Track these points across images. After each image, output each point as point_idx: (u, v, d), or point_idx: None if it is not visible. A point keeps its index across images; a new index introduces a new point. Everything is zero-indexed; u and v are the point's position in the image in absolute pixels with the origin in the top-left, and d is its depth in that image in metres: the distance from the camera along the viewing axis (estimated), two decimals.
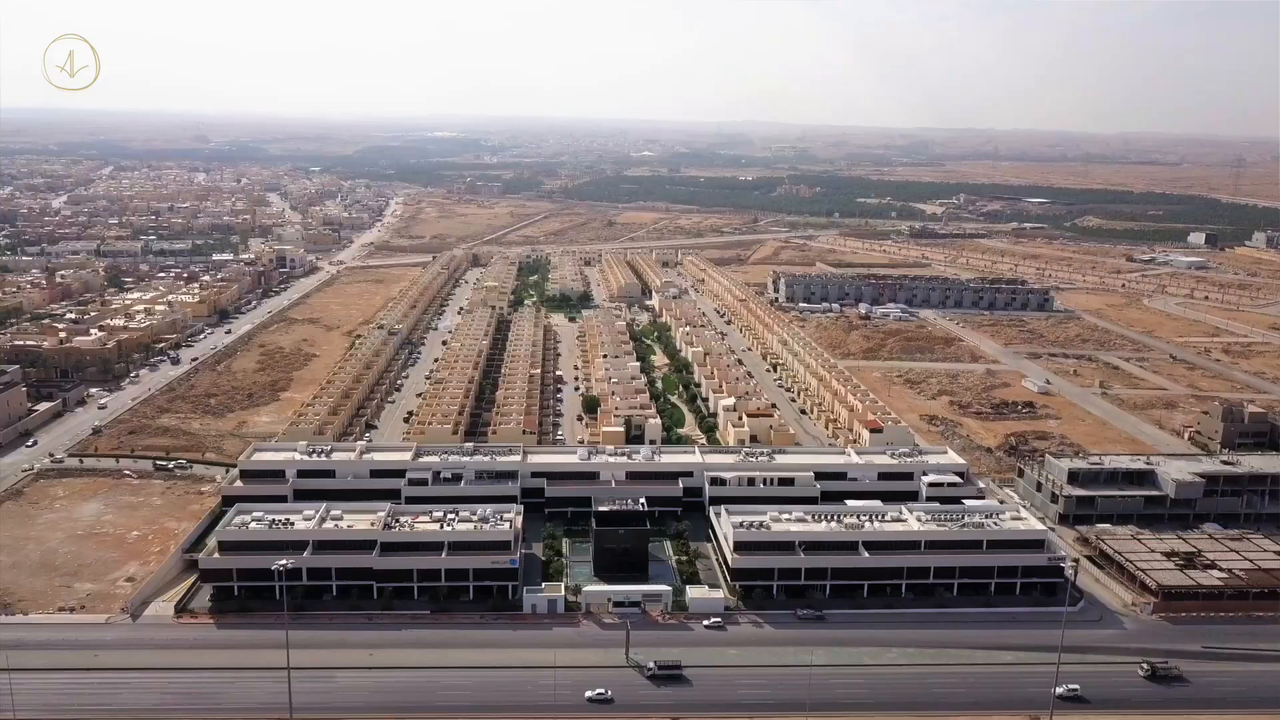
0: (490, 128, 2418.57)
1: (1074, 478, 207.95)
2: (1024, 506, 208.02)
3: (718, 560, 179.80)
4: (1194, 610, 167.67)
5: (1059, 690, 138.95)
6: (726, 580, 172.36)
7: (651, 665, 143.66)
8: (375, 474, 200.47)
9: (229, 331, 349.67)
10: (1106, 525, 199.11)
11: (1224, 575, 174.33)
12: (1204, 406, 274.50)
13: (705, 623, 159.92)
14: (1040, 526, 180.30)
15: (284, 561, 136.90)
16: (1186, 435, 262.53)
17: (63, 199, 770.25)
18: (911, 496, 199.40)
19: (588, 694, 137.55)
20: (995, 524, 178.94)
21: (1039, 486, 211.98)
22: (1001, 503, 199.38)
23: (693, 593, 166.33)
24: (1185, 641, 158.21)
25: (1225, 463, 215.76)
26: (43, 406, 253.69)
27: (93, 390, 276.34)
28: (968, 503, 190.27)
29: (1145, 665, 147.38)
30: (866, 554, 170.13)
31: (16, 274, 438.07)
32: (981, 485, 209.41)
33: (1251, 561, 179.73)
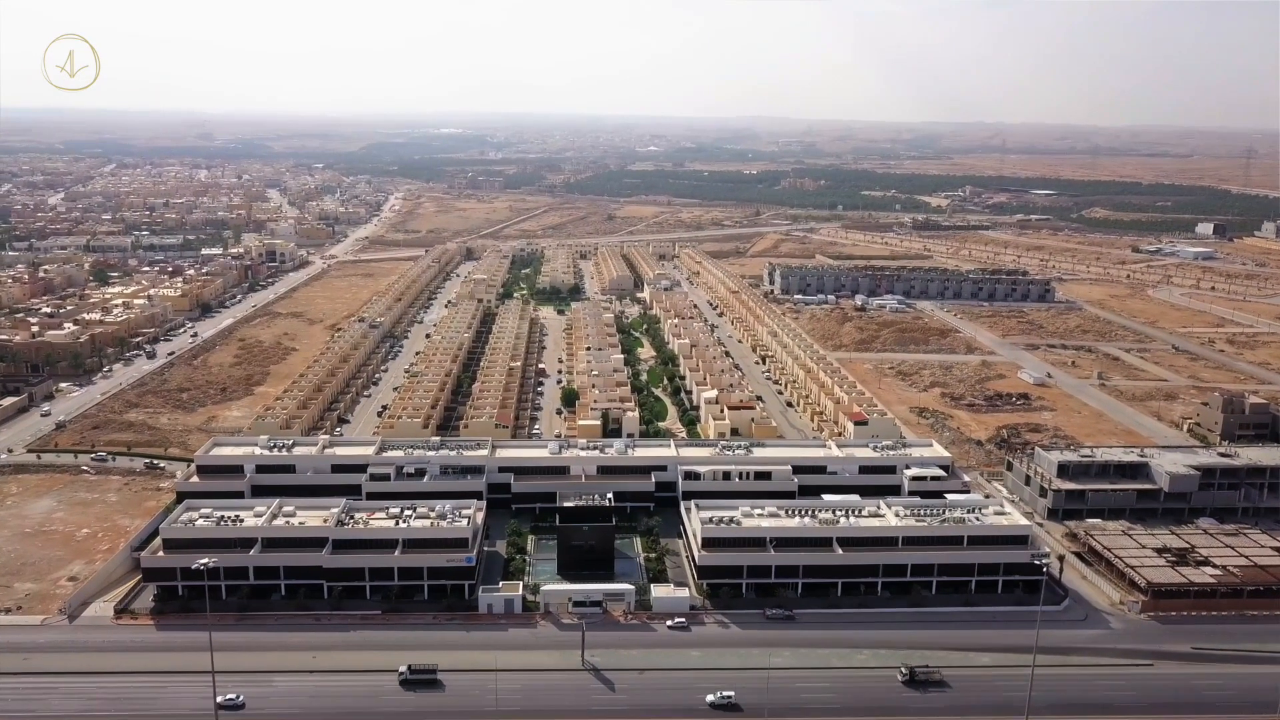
0: (496, 124, 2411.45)
1: (1064, 471, 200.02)
2: (1011, 501, 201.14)
3: (688, 557, 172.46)
4: (1185, 609, 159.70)
5: (710, 698, 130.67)
6: (694, 578, 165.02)
7: (404, 669, 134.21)
8: (337, 469, 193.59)
9: (195, 335, 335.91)
10: (1096, 520, 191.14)
11: (1218, 572, 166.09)
12: (1204, 398, 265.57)
13: (669, 623, 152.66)
14: (1024, 522, 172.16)
15: (205, 560, 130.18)
16: (1185, 427, 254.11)
17: (60, 195, 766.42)
18: (894, 491, 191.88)
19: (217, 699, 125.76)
20: (977, 519, 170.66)
21: (1027, 480, 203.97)
22: (988, 497, 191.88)
23: (657, 591, 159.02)
24: (1174, 642, 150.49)
25: (1223, 455, 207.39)
26: (7, 401, 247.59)
27: (63, 385, 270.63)
28: (950, 497, 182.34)
29: (904, 669, 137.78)
30: (840, 550, 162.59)
31: (4, 268, 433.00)
32: (967, 479, 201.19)
33: (1247, 558, 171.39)
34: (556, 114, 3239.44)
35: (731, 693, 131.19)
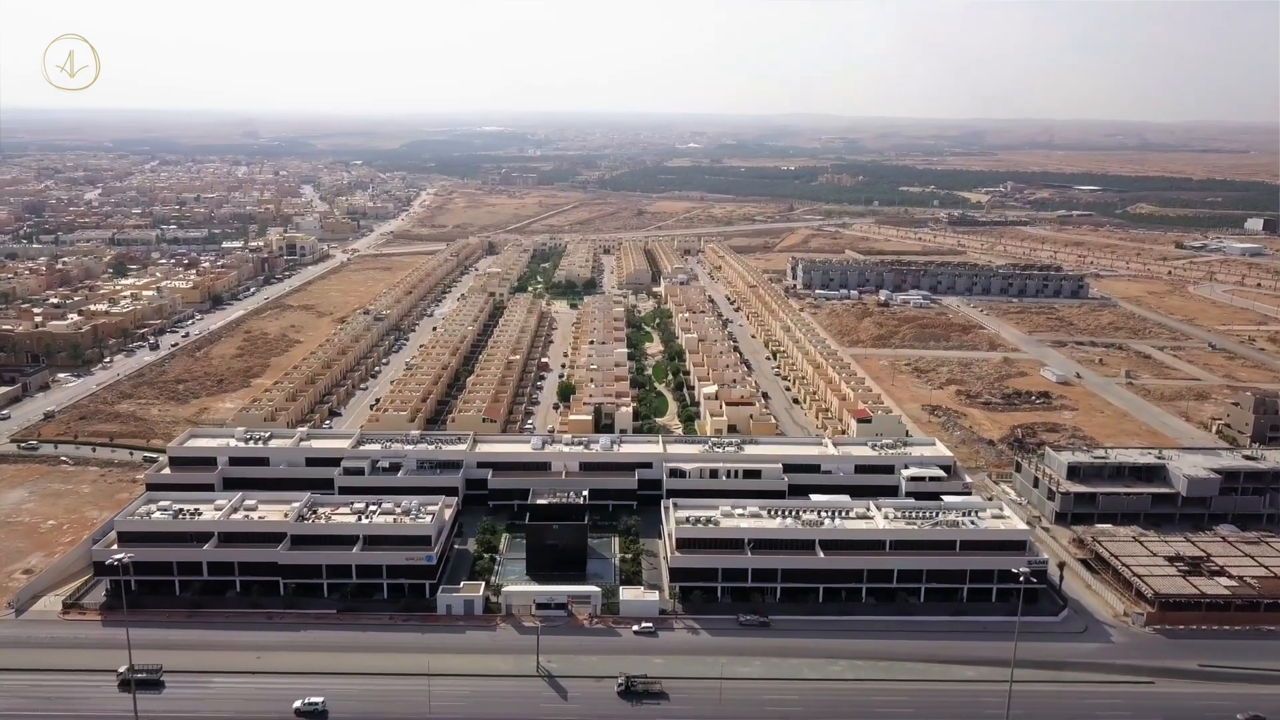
0: (538, 123, 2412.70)
1: (1074, 473, 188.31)
2: (1019, 504, 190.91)
3: (664, 559, 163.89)
4: (1194, 622, 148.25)
5: (297, 704, 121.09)
6: (668, 581, 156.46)
7: (122, 669, 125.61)
8: (311, 462, 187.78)
9: (187, 334, 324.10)
10: (1107, 525, 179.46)
11: (1233, 583, 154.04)
12: (1236, 398, 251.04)
13: (635, 628, 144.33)
14: (1022, 526, 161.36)
15: (121, 555, 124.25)
16: (1215, 428, 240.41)
17: (97, 191, 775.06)
18: (890, 491, 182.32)
19: None
20: (973, 523, 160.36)
21: (1036, 482, 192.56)
22: (990, 499, 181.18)
23: (626, 594, 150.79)
24: (1179, 658, 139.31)
25: (1248, 457, 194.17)
26: (1, 391, 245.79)
27: (60, 375, 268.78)
28: (947, 499, 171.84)
29: (622, 679, 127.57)
30: (822, 554, 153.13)
31: (26, 260, 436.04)
32: (969, 480, 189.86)
33: (1267, 568, 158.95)
34: (598, 112, 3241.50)
35: (320, 699, 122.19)
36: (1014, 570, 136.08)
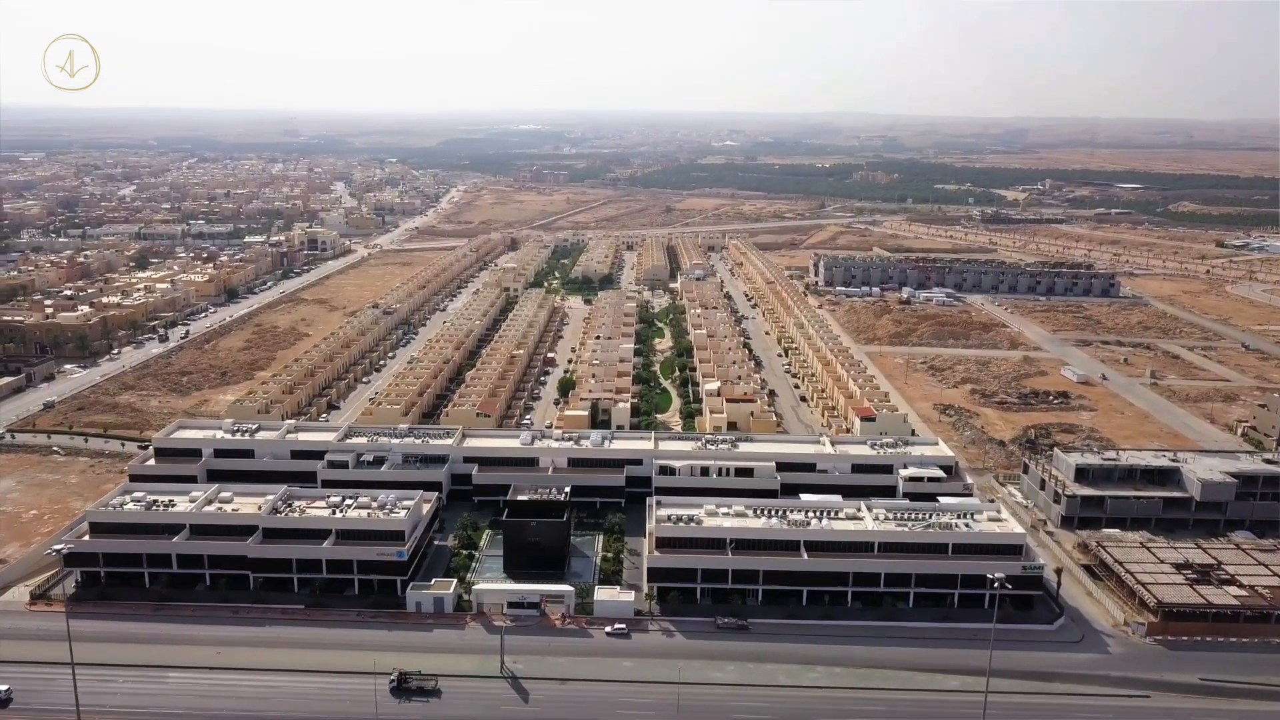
0: (575, 121, 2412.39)
1: (1082, 475, 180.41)
2: (1026, 507, 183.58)
3: (645, 557, 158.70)
4: (1199, 633, 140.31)
5: None
6: (647, 581, 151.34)
7: None
8: (296, 455, 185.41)
9: (187, 333, 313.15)
10: (1114, 530, 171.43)
11: (1243, 593, 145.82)
12: (1265, 399, 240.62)
13: (607, 629, 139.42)
14: (1019, 530, 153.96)
15: (60, 546, 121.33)
16: (1240, 431, 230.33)
17: (132, 187, 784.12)
18: (888, 491, 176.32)
19: None
20: (967, 525, 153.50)
21: (1043, 484, 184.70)
22: (991, 501, 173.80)
23: (601, 594, 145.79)
24: (1180, 671, 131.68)
25: (1268, 461, 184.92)
26: (3, 381, 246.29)
27: (66, 366, 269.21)
28: (943, 500, 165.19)
29: (394, 676, 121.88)
30: (806, 555, 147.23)
31: (50, 254, 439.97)
32: (970, 481, 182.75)
33: None
34: (636, 111, 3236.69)
35: (5, 686, 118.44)
36: (989, 575, 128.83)
